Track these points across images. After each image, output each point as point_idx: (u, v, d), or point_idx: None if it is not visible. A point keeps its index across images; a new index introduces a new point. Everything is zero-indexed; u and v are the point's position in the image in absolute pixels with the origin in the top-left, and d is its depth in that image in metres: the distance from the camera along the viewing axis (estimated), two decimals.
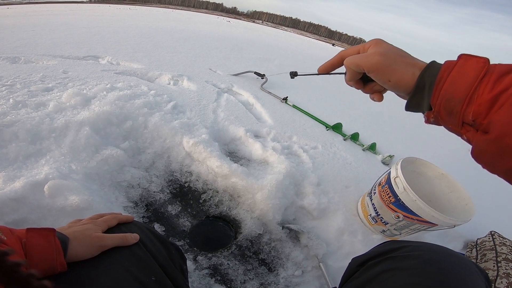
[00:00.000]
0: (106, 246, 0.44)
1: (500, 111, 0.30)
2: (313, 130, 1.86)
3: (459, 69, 0.34)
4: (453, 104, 0.34)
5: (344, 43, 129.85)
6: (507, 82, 0.30)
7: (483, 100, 0.31)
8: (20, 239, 0.37)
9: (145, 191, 1.14)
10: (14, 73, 1.62)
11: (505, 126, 0.29)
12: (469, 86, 0.32)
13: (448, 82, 0.34)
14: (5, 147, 0.99)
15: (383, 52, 0.40)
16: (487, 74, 0.32)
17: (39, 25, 3.78)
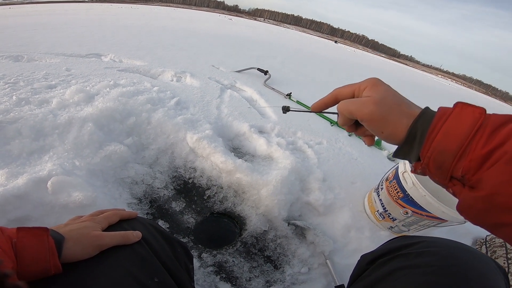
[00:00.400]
0: (105, 245, 0.41)
1: (493, 169, 0.29)
2: (318, 125, 1.84)
3: (454, 119, 0.32)
4: (444, 157, 0.32)
5: (347, 40, 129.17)
6: (501, 137, 0.28)
7: (475, 156, 0.30)
8: (10, 239, 0.35)
9: (149, 187, 1.13)
10: (17, 71, 1.62)
11: (497, 185, 0.28)
12: (462, 140, 0.30)
13: (441, 133, 0.32)
14: (8, 144, 0.98)
15: (378, 100, 0.37)
16: (482, 126, 0.30)
17: (41, 24, 3.79)
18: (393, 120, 0.36)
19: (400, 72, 10.59)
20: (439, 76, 28.95)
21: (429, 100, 5.34)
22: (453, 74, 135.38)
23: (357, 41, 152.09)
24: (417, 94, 5.55)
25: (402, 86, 5.96)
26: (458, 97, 8.24)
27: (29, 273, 0.34)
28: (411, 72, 14.57)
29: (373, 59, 13.91)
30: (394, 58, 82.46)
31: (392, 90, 0.39)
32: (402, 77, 8.53)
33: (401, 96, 0.39)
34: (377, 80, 0.40)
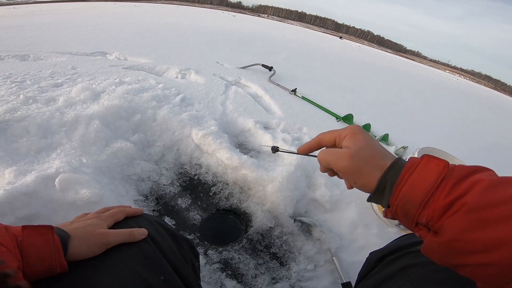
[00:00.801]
0: (111, 243, 0.41)
1: (452, 218, 0.32)
2: (323, 121, 1.83)
3: (420, 171, 0.35)
4: (410, 207, 0.35)
5: (352, 36, 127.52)
6: (462, 189, 0.32)
7: (438, 206, 0.32)
8: (15, 238, 0.34)
9: (155, 184, 1.13)
10: (24, 70, 1.64)
11: (456, 233, 0.31)
12: (426, 191, 0.33)
13: (407, 185, 0.35)
14: (16, 142, 0.99)
15: (353, 154, 0.40)
16: (445, 178, 0.33)
17: (46, 23, 3.83)
18: (365, 173, 0.39)
19: (407, 67, 10.44)
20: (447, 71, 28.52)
21: (437, 96, 5.25)
22: (461, 70, 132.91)
23: (362, 37, 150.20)
24: (424, 90, 5.46)
25: (408, 81, 5.88)
26: (466, 92, 8.10)
27: (35, 272, 0.33)
28: (418, 67, 14.35)
29: (379, 54, 13.72)
30: (401, 54, 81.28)
31: (369, 141, 0.42)
32: (409, 72, 8.40)
33: (377, 146, 0.42)
34: (357, 129, 0.43)
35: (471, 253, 0.31)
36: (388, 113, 2.60)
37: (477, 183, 0.32)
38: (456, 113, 3.90)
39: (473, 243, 0.31)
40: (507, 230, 0.29)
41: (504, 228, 0.29)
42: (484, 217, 0.30)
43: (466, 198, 0.31)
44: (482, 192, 0.31)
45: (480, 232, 0.30)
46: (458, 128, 3.03)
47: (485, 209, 0.31)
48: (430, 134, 2.42)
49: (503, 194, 0.31)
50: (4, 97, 1.24)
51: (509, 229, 0.29)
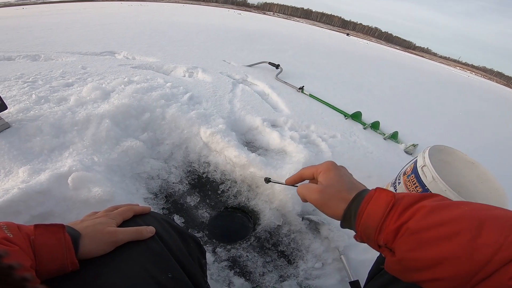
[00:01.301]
0: (120, 241, 0.41)
1: (400, 240, 0.38)
2: (331, 119, 1.81)
3: (374, 202, 0.41)
4: (369, 232, 0.41)
5: (359, 33, 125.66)
6: (406, 216, 0.38)
7: (390, 230, 0.39)
8: (28, 236, 0.35)
9: (164, 182, 1.14)
10: (35, 70, 1.67)
11: (403, 252, 0.37)
12: (379, 219, 0.40)
13: (365, 214, 0.41)
14: (30, 141, 1.00)
15: (322, 189, 0.48)
16: (394, 206, 0.40)
17: (55, 23, 3.89)
18: (332, 205, 0.47)
19: (416, 64, 10.24)
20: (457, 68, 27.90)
21: (448, 93, 5.14)
22: (472, 66, 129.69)
23: (370, 34, 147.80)
24: (435, 87, 5.35)
25: (418, 78, 5.77)
26: (478, 89, 7.91)
27: (47, 271, 0.34)
28: (428, 64, 14.06)
29: (387, 51, 13.50)
30: (410, 50, 79.62)
31: (339, 177, 0.49)
32: (419, 68, 8.25)
33: (345, 181, 0.49)
34: (331, 166, 0.51)
35: (419, 270, 0.37)
36: (397, 110, 2.57)
37: (419, 209, 0.38)
38: (468, 110, 3.81)
39: (418, 261, 0.36)
40: (444, 248, 0.34)
41: (441, 247, 0.35)
42: (422, 239, 0.36)
43: (409, 223, 0.37)
44: (422, 217, 0.37)
45: (421, 251, 0.36)
46: (470, 125, 2.96)
47: (423, 232, 0.36)
48: (441, 131, 2.38)
49: (439, 217, 0.36)
50: (17, 97, 1.26)
51: (446, 247, 0.34)
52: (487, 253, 0.32)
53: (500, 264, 0.31)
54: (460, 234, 0.34)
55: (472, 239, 0.33)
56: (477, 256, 0.32)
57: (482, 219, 0.34)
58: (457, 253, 0.33)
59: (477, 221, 0.34)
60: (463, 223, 0.35)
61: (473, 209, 0.36)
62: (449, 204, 0.38)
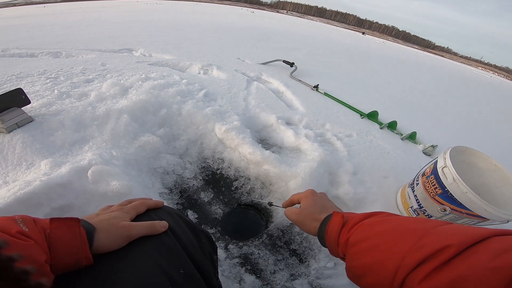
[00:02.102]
0: (133, 235, 0.41)
1: (347, 252, 0.45)
2: (347, 118, 1.78)
3: (331, 223, 0.51)
4: (332, 246, 0.50)
5: (375, 31, 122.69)
6: (351, 232, 0.46)
7: (341, 243, 0.47)
8: (44, 230, 0.34)
9: (179, 177, 1.16)
10: (57, 67, 1.73)
11: (348, 261, 0.45)
12: (335, 235, 0.48)
13: (328, 232, 0.51)
14: (52, 135, 1.03)
15: (299, 212, 0.61)
16: (345, 224, 0.48)
17: (75, 21, 4.01)
18: (307, 225, 0.58)
19: (436, 63, 9.91)
20: (479, 68, 26.79)
21: (470, 93, 4.95)
22: (495, 66, 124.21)
23: (386, 32, 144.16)
24: (455, 86, 5.16)
25: (438, 78, 5.58)
26: (501, 90, 7.56)
27: (62, 266, 0.34)
28: (448, 63, 13.57)
29: (405, 50, 13.13)
30: (429, 50, 76.95)
31: (314, 202, 0.61)
32: (438, 68, 7.97)
33: (319, 204, 0.60)
34: (309, 193, 0.64)
35: (359, 277, 0.42)
36: (416, 110, 2.49)
37: (360, 226, 0.45)
38: (490, 111, 3.65)
39: (355, 270, 0.43)
40: (370, 257, 0.39)
41: (368, 256, 0.40)
42: (357, 250, 0.42)
43: (350, 238, 0.45)
44: (358, 232, 0.44)
45: (355, 261, 0.42)
46: (492, 126, 2.84)
47: (358, 244, 0.43)
48: (461, 133, 2.29)
49: (370, 232, 0.42)
50: (40, 92, 1.31)
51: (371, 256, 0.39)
52: (396, 261, 0.35)
53: (407, 270, 0.34)
54: (381, 245, 0.39)
55: (388, 249, 0.37)
56: (390, 263, 0.36)
57: (402, 231, 0.38)
58: (377, 262, 0.38)
59: (397, 233, 0.38)
60: (386, 236, 0.39)
61: (403, 222, 0.41)
62: (384, 220, 0.43)
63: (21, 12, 6.05)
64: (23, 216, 0.35)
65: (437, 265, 0.32)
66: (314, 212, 0.58)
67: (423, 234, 0.36)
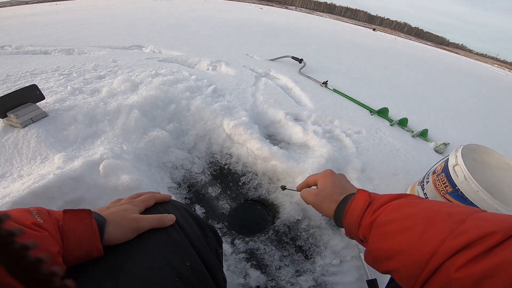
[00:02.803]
0: (142, 228, 0.43)
1: (371, 233, 0.43)
2: (356, 114, 1.76)
3: (354, 202, 0.49)
4: (351, 228, 0.48)
5: (387, 28, 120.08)
6: (378, 212, 0.44)
7: (365, 225, 0.45)
8: (57, 222, 0.35)
9: (188, 172, 1.17)
10: (70, 63, 1.76)
11: (372, 243, 0.43)
12: (357, 217, 0.47)
13: (348, 213, 0.49)
14: (65, 130, 1.06)
15: (317, 193, 0.59)
16: (371, 204, 0.46)
17: (86, 19, 4.07)
18: (324, 206, 0.57)
19: (449, 60, 9.64)
20: (495, 65, 25.94)
21: (483, 91, 4.80)
22: (511, 64, 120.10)
23: (398, 29, 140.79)
24: (469, 84, 5.02)
25: (451, 75, 5.44)
26: None
27: (74, 257, 0.35)
28: (463, 60, 13.18)
29: (417, 46, 12.80)
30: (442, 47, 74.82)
31: (333, 182, 0.59)
32: (452, 65, 7.76)
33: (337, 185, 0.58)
34: (328, 173, 0.62)
35: (382, 260, 0.41)
36: (428, 107, 2.44)
37: (388, 207, 0.43)
38: (505, 109, 3.54)
39: (381, 252, 0.41)
40: (400, 240, 0.38)
41: (398, 238, 0.38)
42: (385, 231, 0.41)
43: (378, 218, 0.43)
44: (387, 213, 0.42)
45: (382, 243, 0.41)
46: (506, 124, 2.75)
47: (386, 225, 0.41)
48: (475, 130, 2.23)
49: (400, 213, 0.41)
50: (53, 88, 1.34)
51: (401, 239, 0.38)
52: (432, 246, 0.34)
53: (445, 256, 0.32)
54: (413, 228, 0.37)
55: (422, 232, 0.36)
56: (424, 248, 0.35)
57: (435, 215, 0.37)
58: (408, 245, 0.37)
59: (430, 217, 0.37)
60: (418, 218, 0.38)
61: (433, 205, 0.40)
62: (414, 202, 0.42)
63: (34, 10, 6.19)
64: (38, 208, 0.36)
65: (480, 251, 0.31)
66: (333, 193, 0.56)
67: (462, 219, 0.35)
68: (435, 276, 0.33)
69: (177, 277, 0.39)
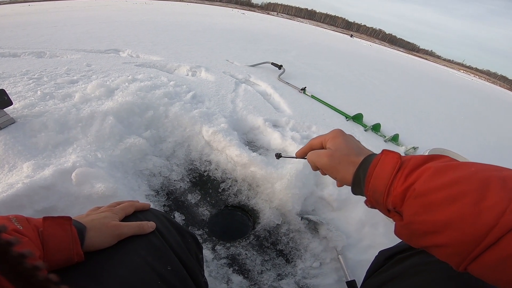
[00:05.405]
0: (123, 234, 0.43)
1: (407, 203, 0.36)
2: (333, 120, 1.82)
3: (380, 165, 0.40)
4: (378, 196, 0.40)
5: (363, 34, 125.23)
6: (414, 177, 0.36)
7: (397, 193, 0.37)
8: (37, 228, 0.36)
9: (166, 179, 1.16)
10: (41, 67, 1.69)
11: (410, 215, 0.35)
12: (386, 181, 0.38)
13: (373, 177, 0.40)
14: (35, 137, 1.02)
15: (331, 153, 0.48)
16: (401, 168, 0.38)
17: (61, 21, 3.92)
18: (342, 169, 0.46)
19: (420, 66, 10.21)
20: (461, 71, 27.71)
21: (451, 96, 5.13)
22: (476, 70, 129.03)
23: (373, 35, 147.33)
24: (437, 89, 5.34)
25: (421, 81, 5.76)
26: (481, 93, 7.88)
27: (54, 262, 0.35)
28: (431, 66, 14.01)
29: (390, 53, 13.47)
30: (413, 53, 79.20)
31: (347, 142, 0.49)
32: (422, 71, 8.22)
33: (353, 145, 0.48)
34: (338, 133, 0.51)
35: (426, 235, 0.35)
36: (399, 113, 2.57)
37: (425, 171, 0.36)
38: (470, 114, 3.80)
39: (424, 225, 0.34)
40: (449, 212, 0.32)
41: (447, 210, 0.32)
42: (429, 201, 0.34)
43: (415, 185, 0.35)
44: (428, 178, 0.35)
45: (427, 215, 0.34)
46: (472, 129, 2.96)
47: (429, 194, 0.34)
48: (442, 134, 2.38)
49: (445, 179, 0.34)
50: (22, 93, 1.28)
51: (451, 211, 0.32)
52: (491, 218, 0.30)
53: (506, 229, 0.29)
54: (465, 196, 0.32)
55: (477, 201, 0.31)
56: (482, 220, 0.30)
57: (488, 181, 0.32)
58: (460, 217, 0.32)
59: (483, 183, 0.32)
60: (469, 184, 0.32)
61: (480, 170, 0.34)
62: (456, 165, 0.36)
63: (5, 11, 5.85)
64: (17, 215, 0.36)
65: None
66: (350, 153, 0.46)
67: None
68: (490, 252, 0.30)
69: (159, 280, 0.40)
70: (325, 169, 0.49)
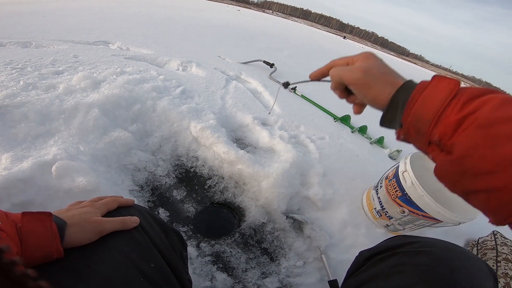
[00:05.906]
0: (105, 230, 0.42)
1: (464, 133, 0.31)
2: (321, 120, 1.84)
3: (431, 90, 0.35)
4: (422, 124, 0.35)
5: (356, 36, 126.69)
6: (474, 106, 0.31)
7: (450, 122, 0.32)
8: (15, 224, 0.35)
9: (151, 174, 1.14)
10: (25, 57, 1.63)
11: (467, 148, 0.30)
12: (437, 108, 0.33)
13: (419, 102, 0.35)
14: (14, 127, 0.98)
15: (365, 68, 0.42)
16: (456, 96, 0.33)
17: (50, 10, 3.77)
18: (376, 86, 0.40)
19: (408, 70, 10.42)
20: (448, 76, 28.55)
21: None
22: (462, 75, 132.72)
23: (366, 38, 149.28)
24: None
25: None
26: None
27: (33, 258, 0.34)
28: (420, 71, 14.33)
29: (381, 56, 13.66)
30: (403, 57, 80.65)
31: (381, 63, 0.43)
32: (410, 75, 8.38)
33: (390, 68, 0.42)
34: (370, 54, 0.44)
35: (480, 174, 0.30)
36: None
37: (488, 100, 0.31)
38: None
39: (484, 160, 0.29)
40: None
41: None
42: (494, 133, 0.29)
43: (478, 113, 0.30)
44: (493, 108, 0.30)
45: (491, 149, 0.29)
46: None
47: (496, 125, 0.29)
48: None
49: (509, 112, 0.29)
50: (4, 83, 1.23)
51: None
52: None
53: None
54: None
55: None
56: None
57: None
58: None
59: None
60: None
61: None
62: None
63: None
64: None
65: None
66: (387, 73, 0.41)
67: None
68: None
69: (142, 277, 0.39)
70: (355, 84, 0.43)
